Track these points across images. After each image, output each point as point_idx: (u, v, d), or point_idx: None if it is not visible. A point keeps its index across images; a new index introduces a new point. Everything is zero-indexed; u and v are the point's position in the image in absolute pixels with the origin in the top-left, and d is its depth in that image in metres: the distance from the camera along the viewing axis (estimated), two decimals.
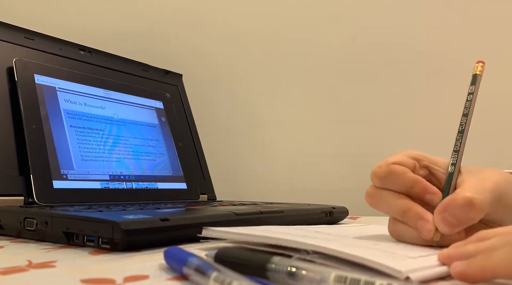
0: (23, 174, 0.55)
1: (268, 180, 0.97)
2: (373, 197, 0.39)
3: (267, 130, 0.99)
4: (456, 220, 0.34)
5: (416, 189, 0.38)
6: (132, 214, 0.41)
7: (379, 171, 0.38)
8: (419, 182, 0.38)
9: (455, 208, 0.34)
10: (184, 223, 0.43)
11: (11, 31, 0.63)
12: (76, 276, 0.29)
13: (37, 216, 0.43)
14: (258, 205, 0.61)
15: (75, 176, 0.57)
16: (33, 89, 0.59)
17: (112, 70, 0.74)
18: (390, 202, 0.38)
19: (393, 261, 0.28)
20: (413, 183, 0.38)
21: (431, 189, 0.38)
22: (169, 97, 0.78)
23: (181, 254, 0.30)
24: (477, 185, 0.36)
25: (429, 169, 0.40)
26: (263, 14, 0.99)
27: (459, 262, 0.27)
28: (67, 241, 0.41)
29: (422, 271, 0.28)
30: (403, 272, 0.26)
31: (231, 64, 1.01)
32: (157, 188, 0.67)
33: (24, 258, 0.34)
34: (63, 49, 0.69)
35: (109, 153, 0.63)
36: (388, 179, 0.38)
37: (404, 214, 0.37)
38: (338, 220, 0.64)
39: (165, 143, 0.72)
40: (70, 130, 0.60)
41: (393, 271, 0.27)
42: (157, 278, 0.29)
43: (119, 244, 0.37)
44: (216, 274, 0.25)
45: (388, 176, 0.38)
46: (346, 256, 0.29)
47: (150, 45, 1.00)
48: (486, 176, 0.37)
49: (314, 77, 0.96)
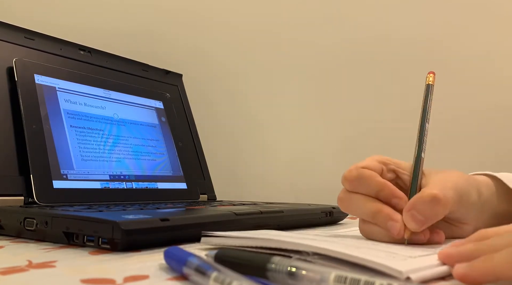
0: (23, 174, 0.55)
1: (268, 180, 0.97)
2: (344, 201, 0.41)
3: (267, 130, 0.99)
4: (423, 217, 0.36)
5: (384, 193, 0.39)
6: (132, 214, 0.41)
7: (349, 175, 0.40)
8: (386, 186, 0.39)
9: (422, 205, 0.36)
10: (184, 223, 0.43)
11: (11, 31, 0.63)
12: (76, 276, 0.29)
13: (37, 216, 0.43)
14: (258, 205, 0.61)
15: (75, 176, 0.57)
16: (33, 89, 0.59)
17: (112, 70, 0.74)
18: (361, 205, 0.39)
19: (393, 261, 0.28)
20: (381, 187, 0.39)
21: (398, 194, 0.39)
22: (169, 97, 0.78)
23: (181, 254, 0.30)
24: (441, 183, 0.38)
25: (396, 172, 0.42)
26: (263, 14, 0.99)
27: (461, 264, 0.27)
28: (67, 241, 0.41)
29: (422, 271, 0.28)
30: (404, 272, 0.26)
31: (231, 64, 1.01)
32: (157, 188, 0.67)
33: (24, 258, 0.34)
34: (63, 49, 0.69)
35: (109, 153, 0.63)
36: (358, 183, 0.40)
37: (374, 216, 0.38)
38: (338, 220, 0.64)
39: (165, 143, 0.72)
40: (70, 130, 0.60)
41: (394, 272, 0.27)
42: (157, 278, 0.29)
43: (119, 244, 0.37)
44: (216, 274, 0.25)
45: (357, 180, 0.40)
46: (346, 257, 0.29)
47: (150, 45, 1.00)
48: (447, 176, 0.40)
49: (313, 77, 0.96)
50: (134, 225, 0.38)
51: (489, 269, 0.26)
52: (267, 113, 0.99)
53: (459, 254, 0.29)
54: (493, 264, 0.26)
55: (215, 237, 0.38)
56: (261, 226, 0.49)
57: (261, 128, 0.99)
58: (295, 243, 0.32)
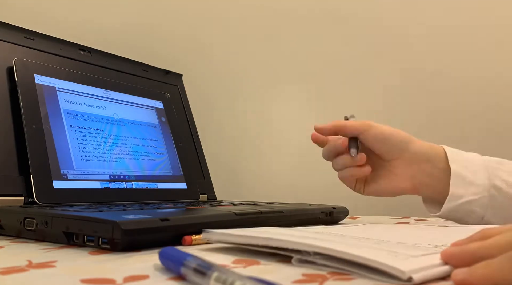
0: (23, 174, 0.55)
1: (268, 180, 0.97)
2: None
3: (267, 130, 0.99)
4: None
5: None
6: (132, 214, 0.41)
7: None
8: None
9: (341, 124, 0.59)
10: (184, 223, 0.43)
11: (11, 31, 0.63)
12: (76, 276, 0.29)
13: (37, 216, 0.43)
14: (258, 205, 0.61)
15: (75, 176, 0.57)
16: (33, 89, 0.59)
17: (112, 70, 0.74)
18: None
19: (395, 261, 0.28)
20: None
21: None
22: (169, 97, 0.78)
23: (178, 254, 0.29)
24: (364, 122, 0.59)
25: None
26: (263, 14, 0.99)
27: (460, 270, 0.27)
28: (67, 241, 0.41)
29: (424, 271, 0.28)
30: (406, 272, 0.26)
31: (231, 64, 1.01)
32: (157, 188, 0.67)
33: (24, 258, 0.34)
34: (63, 49, 0.69)
35: (109, 153, 0.63)
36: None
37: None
38: (338, 220, 0.64)
39: (165, 143, 0.72)
40: (70, 130, 0.60)
41: (396, 271, 0.27)
42: (157, 278, 0.29)
43: (119, 244, 0.37)
44: (217, 274, 0.25)
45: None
46: (348, 257, 0.29)
47: (150, 45, 1.00)
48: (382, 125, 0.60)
49: (313, 78, 0.96)
50: (134, 225, 0.38)
51: (488, 275, 0.26)
52: (267, 113, 0.99)
53: (461, 253, 0.29)
54: (492, 270, 0.26)
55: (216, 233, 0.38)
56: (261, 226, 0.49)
57: (261, 128, 0.99)
58: (297, 243, 0.32)
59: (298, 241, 0.32)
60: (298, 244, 0.32)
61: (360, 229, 0.47)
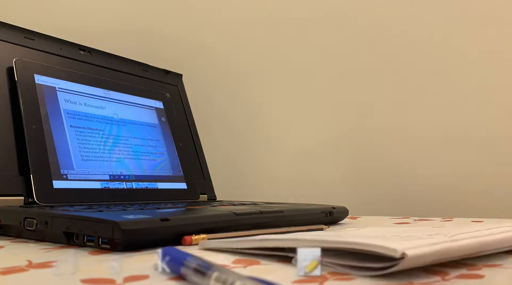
0: (23, 174, 0.55)
1: (268, 180, 0.97)
2: None
3: (267, 130, 0.99)
4: None
5: None
6: (132, 214, 0.41)
7: None
8: None
9: None
10: (184, 223, 0.43)
11: (11, 31, 0.63)
12: (76, 276, 0.29)
13: (37, 216, 0.43)
14: (258, 205, 0.61)
15: (75, 176, 0.57)
16: (33, 89, 0.59)
17: (112, 70, 0.74)
18: None
19: (387, 243, 0.28)
20: None
21: None
22: (169, 97, 0.78)
23: (178, 254, 0.29)
24: None
25: None
26: (263, 14, 0.99)
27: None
28: (67, 241, 0.41)
29: (418, 248, 0.27)
30: (398, 250, 0.26)
31: (231, 64, 1.01)
32: (157, 188, 0.67)
33: (24, 258, 0.34)
34: (63, 49, 0.69)
35: (109, 153, 0.63)
36: None
37: None
38: (338, 220, 0.64)
39: (165, 143, 0.72)
40: (70, 130, 0.60)
41: (388, 251, 0.26)
42: (157, 278, 0.29)
43: (119, 244, 0.37)
44: (217, 274, 0.25)
45: None
46: (341, 245, 0.29)
47: (150, 45, 1.00)
48: None
49: (313, 78, 0.96)
50: (134, 225, 0.38)
51: None
52: (267, 113, 0.99)
53: None
54: None
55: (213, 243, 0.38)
56: (261, 226, 0.49)
57: (261, 128, 0.99)
58: (290, 240, 0.32)
59: (292, 238, 0.32)
60: (292, 241, 0.32)
61: (356, 231, 0.47)
